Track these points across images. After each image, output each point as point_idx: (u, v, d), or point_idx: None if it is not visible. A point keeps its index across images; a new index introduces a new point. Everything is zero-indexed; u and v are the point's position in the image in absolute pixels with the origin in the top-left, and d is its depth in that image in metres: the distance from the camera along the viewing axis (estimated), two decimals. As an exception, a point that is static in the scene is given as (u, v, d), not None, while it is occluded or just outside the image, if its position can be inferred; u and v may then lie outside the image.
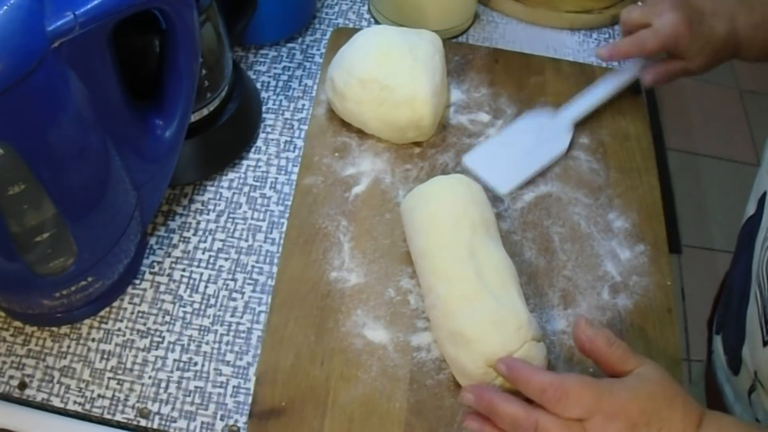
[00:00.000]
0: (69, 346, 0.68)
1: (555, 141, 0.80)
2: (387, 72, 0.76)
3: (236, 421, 0.65)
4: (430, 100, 0.75)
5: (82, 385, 0.66)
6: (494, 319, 0.61)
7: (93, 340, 0.68)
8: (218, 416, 0.65)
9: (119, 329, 0.69)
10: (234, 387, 0.66)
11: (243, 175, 0.80)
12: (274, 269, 0.73)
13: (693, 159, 2.22)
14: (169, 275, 0.73)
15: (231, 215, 0.77)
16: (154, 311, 0.70)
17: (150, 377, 0.67)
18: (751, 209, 0.72)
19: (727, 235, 0.76)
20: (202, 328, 0.70)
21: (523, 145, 0.80)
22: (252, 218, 0.77)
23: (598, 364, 0.58)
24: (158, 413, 0.65)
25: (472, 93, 0.85)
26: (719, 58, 0.78)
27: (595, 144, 0.82)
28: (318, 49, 0.92)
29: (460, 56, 0.88)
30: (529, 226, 0.75)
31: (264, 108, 0.85)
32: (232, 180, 0.79)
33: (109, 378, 0.66)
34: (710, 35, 0.76)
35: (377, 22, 0.94)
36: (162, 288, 0.72)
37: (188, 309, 0.71)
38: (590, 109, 0.82)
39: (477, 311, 0.62)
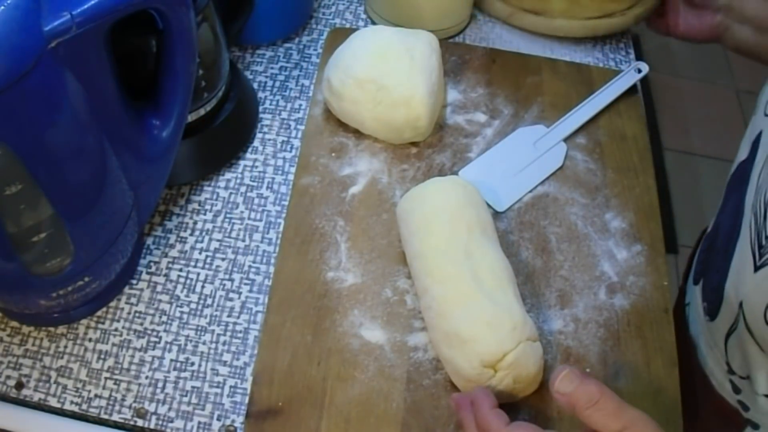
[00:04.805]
0: (66, 346, 0.68)
1: (550, 156, 0.80)
2: (384, 72, 0.76)
3: (233, 421, 0.65)
4: (427, 100, 0.75)
5: (79, 385, 0.66)
6: (489, 320, 0.61)
7: (90, 340, 0.68)
8: (215, 416, 0.65)
9: (116, 329, 0.69)
10: (231, 387, 0.66)
11: (240, 175, 0.80)
12: (271, 269, 0.73)
13: (690, 159, 2.22)
14: (166, 275, 0.73)
15: (228, 215, 0.77)
16: (151, 311, 0.70)
17: (147, 377, 0.67)
18: (743, 154, 0.73)
19: (724, 235, 0.77)
20: (199, 328, 0.70)
21: (517, 161, 0.80)
22: (249, 218, 0.77)
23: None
24: (155, 413, 0.65)
25: (468, 93, 0.85)
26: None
27: (592, 144, 0.82)
28: (315, 49, 0.92)
29: (457, 56, 0.88)
30: (526, 226, 0.75)
31: (261, 108, 0.85)
32: (229, 180, 0.79)
33: (106, 378, 0.66)
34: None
35: (373, 23, 0.94)
36: (159, 288, 0.72)
37: (185, 309, 0.71)
38: (583, 123, 0.83)
39: (472, 312, 0.62)
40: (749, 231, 0.67)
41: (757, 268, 0.64)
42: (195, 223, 0.76)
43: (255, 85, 0.87)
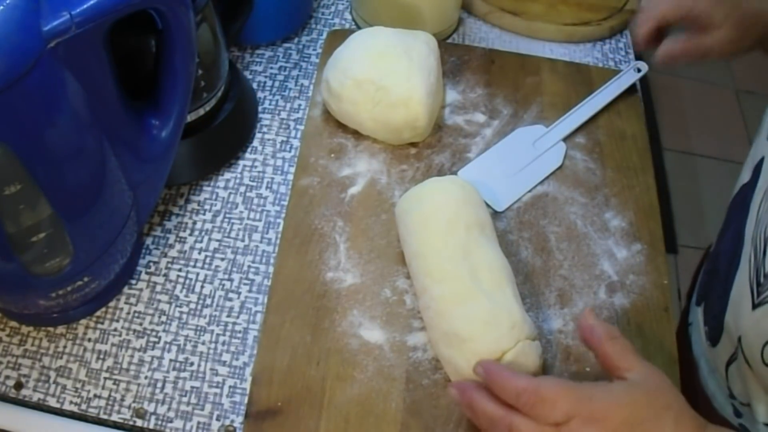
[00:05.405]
0: (65, 347, 0.68)
1: (549, 156, 0.80)
2: (382, 73, 0.76)
3: (232, 421, 0.65)
4: (425, 101, 0.75)
5: (79, 386, 0.66)
6: (487, 319, 0.61)
7: (89, 340, 0.68)
8: (214, 416, 0.65)
9: (115, 329, 0.69)
10: (230, 387, 0.66)
11: (239, 175, 0.80)
12: (271, 269, 0.73)
13: (689, 159, 2.22)
14: (165, 275, 0.73)
15: (227, 215, 0.77)
16: (150, 311, 0.70)
17: (146, 377, 0.67)
18: (745, 177, 0.71)
19: (724, 235, 0.76)
20: (199, 328, 0.70)
21: (517, 161, 0.80)
22: (248, 218, 0.77)
23: (596, 356, 0.58)
24: (154, 413, 0.65)
25: (467, 93, 0.85)
26: (749, 32, 0.72)
27: (591, 143, 0.82)
28: (314, 49, 0.92)
29: (456, 57, 0.88)
30: (526, 225, 0.75)
31: (260, 108, 0.85)
32: (228, 180, 0.79)
33: (105, 378, 0.66)
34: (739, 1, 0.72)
35: (359, 27, 0.94)
36: (158, 288, 0.72)
37: (184, 309, 0.71)
38: (582, 123, 0.83)
39: (470, 311, 0.62)
40: (748, 264, 0.65)
41: (755, 306, 0.62)
42: (194, 223, 0.76)
43: (254, 85, 0.87)
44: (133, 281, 0.72)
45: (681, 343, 0.70)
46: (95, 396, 0.65)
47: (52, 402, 0.65)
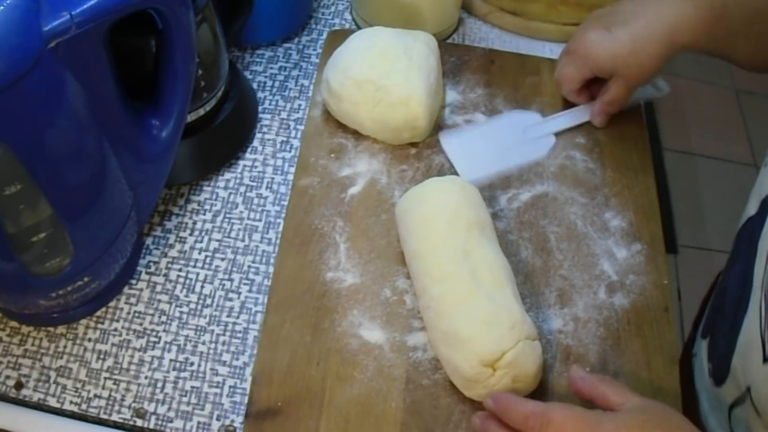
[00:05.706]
0: (65, 346, 0.68)
1: (535, 145, 0.80)
2: (382, 72, 0.76)
3: (232, 421, 0.65)
4: (425, 101, 0.75)
5: (79, 385, 0.66)
6: (487, 319, 0.61)
7: (89, 340, 0.68)
8: (214, 416, 0.65)
9: (115, 329, 0.69)
10: (230, 387, 0.66)
11: (239, 175, 0.80)
12: (271, 269, 0.73)
13: (689, 159, 2.22)
14: (165, 275, 0.73)
15: (227, 215, 0.77)
16: (151, 311, 0.70)
17: (146, 377, 0.67)
18: (752, 210, 0.68)
19: (724, 236, 0.75)
20: (199, 328, 0.70)
21: (502, 141, 0.80)
22: (248, 218, 0.77)
23: (594, 401, 0.58)
24: (154, 413, 0.65)
25: (467, 94, 0.85)
26: (650, 49, 0.73)
27: (591, 143, 0.82)
28: (314, 49, 0.92)
29: (456, 57, 0.88)
30: (526, 225, 0.75)
31: (260, 108, 0.85)
32: (228, 180, 0.79)
33: (105, 378, 0.66)
34: (623, 36, 0.74)
35: (359, 27, 0.94)
36: (158, 288, 0.72)
37: (184, 309, 0.71)
38: (580, 122, 0.83)
39: (470, 311, 0.62)
40: (758, 311, 0.61)
41: (766, 359, 0.59)
42: (194, 223, 0.76)
43: (254, 85, 0.87)
44: (133, 281, 0.72)
45: (684, 373, 0.69)
46: (95, 396, 0.66)
47: (53, 402, 0.65)
